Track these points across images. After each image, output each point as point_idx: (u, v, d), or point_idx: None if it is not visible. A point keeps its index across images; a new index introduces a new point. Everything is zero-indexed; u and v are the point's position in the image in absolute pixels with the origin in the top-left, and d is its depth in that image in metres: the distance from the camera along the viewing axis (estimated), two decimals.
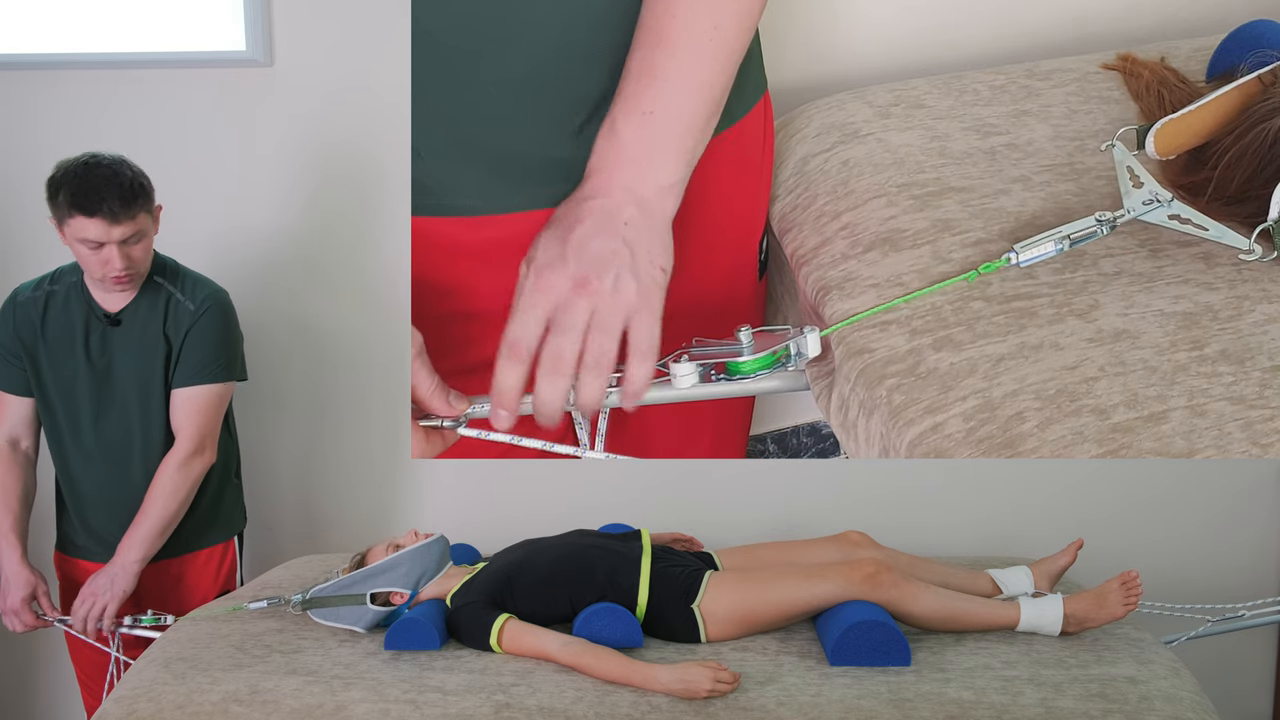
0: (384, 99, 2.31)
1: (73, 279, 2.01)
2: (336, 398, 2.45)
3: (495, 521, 2.33)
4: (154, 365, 1.99)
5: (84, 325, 1.99)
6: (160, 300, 2.00)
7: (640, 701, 1.45)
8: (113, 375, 2.00)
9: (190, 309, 2.00)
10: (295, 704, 1.46)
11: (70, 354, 1.99)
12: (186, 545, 2.07)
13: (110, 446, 2.01)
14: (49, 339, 1.99)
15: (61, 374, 1.99)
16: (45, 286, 2.02)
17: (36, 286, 2.03)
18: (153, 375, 1.99)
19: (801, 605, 1.65)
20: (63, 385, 2.00)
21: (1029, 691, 1.45)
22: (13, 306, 2.02)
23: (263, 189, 2.37)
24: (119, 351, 1.99)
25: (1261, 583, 2.38)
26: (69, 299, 2.00)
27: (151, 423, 2.01)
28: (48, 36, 2.34)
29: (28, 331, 2.00)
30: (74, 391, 2.00)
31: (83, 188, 1.83)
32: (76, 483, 2.05)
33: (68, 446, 2.03)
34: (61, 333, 1.99)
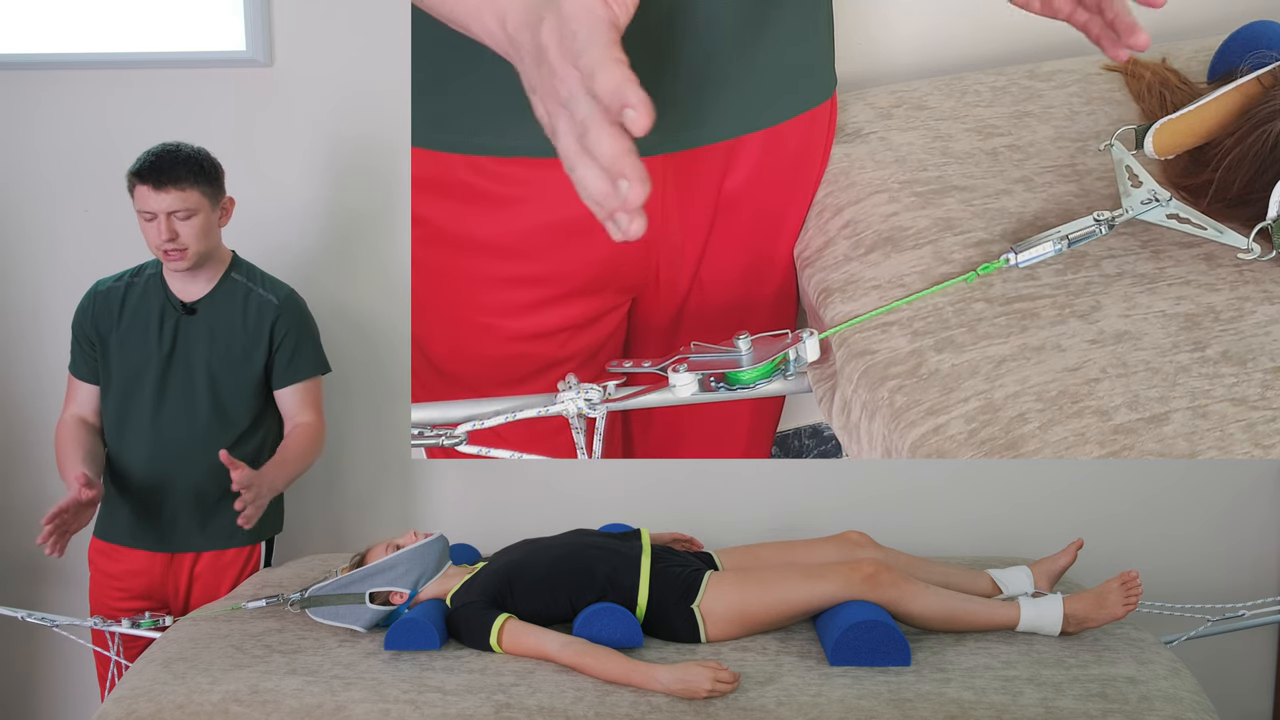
0: (384, 99, 2.31)
1: (153, 270, 2.08)
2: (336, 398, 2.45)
3: (495, 521, 2.33)
4: (229, 356, 2.05)
5: (159, 314, 2.05)
6: (238, 293, 2.06)
7: (640, 701, 1.45)
8: (183, 364, 2.04)
9: (274, 302, 2.07)
10: (295, 704, 1.46)
11: (143, 341, 2.04)
12: (214, 540, 2.08)
13: (167, 435, 2.05)
14: (124, 327, 2.05)
15: (131, 360, 2.05)
16: (127, 279, 2.09)
17: (119, 279, 2.09)
18: (226, 365, 2.05)
19: (801, 605, 1.65)
20: (130, 371, 2.05)
21: (1029, 691, 1.46)
22: (92, 297, 2.09)
23: (263, 189, 2.37)
24: (192, 341, 2.04)
25: (1261, 583, 2.38)
26: (148, 289, 2.07)
27: (216, 413, 2.05)
28: (48, 36, 2.34)
29: (105, 320, 2.06)
30: (141, 378, 2.04)
31: (146, 158, 1.95)
32: (129, 469, 2.07)
33: (126, 433, 2.06)
34: (136, 321, 2.05)
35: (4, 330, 2.48)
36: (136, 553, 2.07)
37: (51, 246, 2.44)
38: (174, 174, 1.93)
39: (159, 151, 1.96)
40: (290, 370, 2.09)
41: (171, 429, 2.05)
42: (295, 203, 2.40)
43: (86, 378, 2.10)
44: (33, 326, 2.46)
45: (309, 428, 2.09)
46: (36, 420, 2.44)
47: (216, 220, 2.02)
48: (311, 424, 2.10)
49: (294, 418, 2.11)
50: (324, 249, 2.41)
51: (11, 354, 2.49)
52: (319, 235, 2.41)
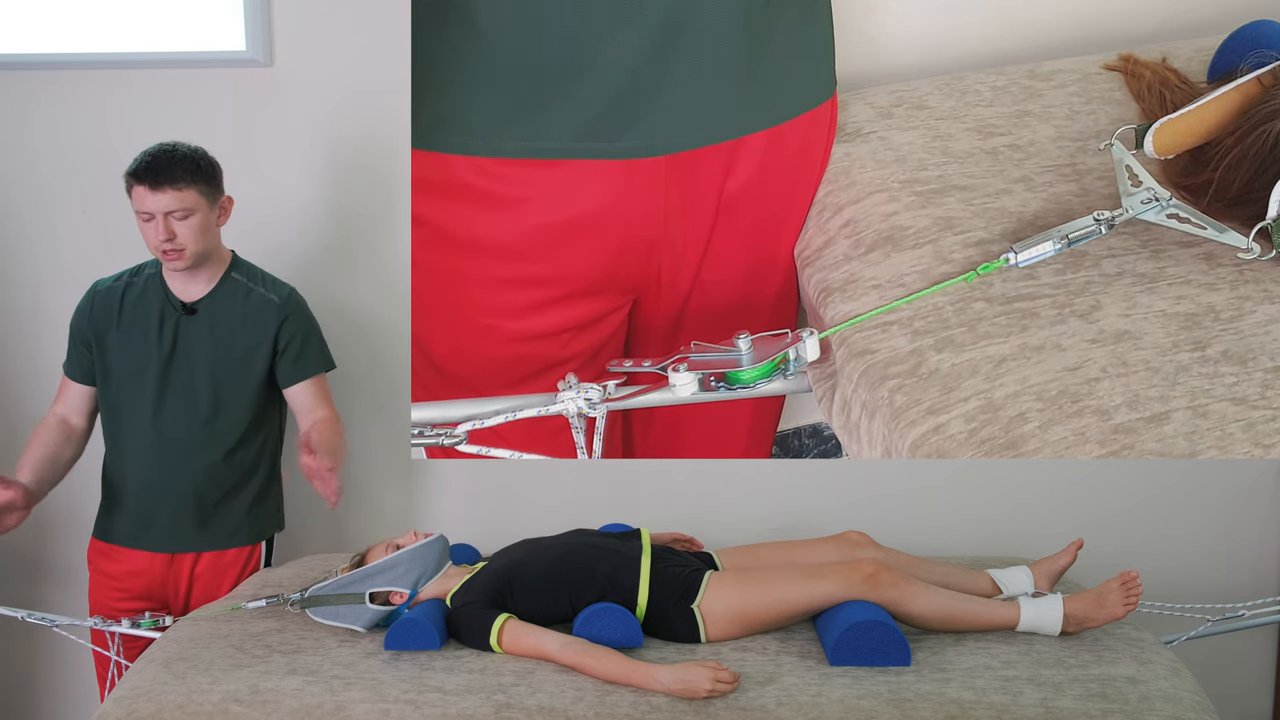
0: (384, 98, 2.31)
1: (152, 270, 2.07)
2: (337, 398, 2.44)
3: (495, 521, 2.33)
4: (230, 355, 2.04)
5: (159, 314, 2.04)
6: (238, 293, 2.06)
7: (640, 701, 1.45)
8: (184, 364, 2.04)
9: (276, 301, 2.06)
10: (295, 704, 1.46)
11: (143, 341, 2.03)
12: (214, 541, 2.08)
13: (167, 436, 2.04)
14: (123, 327, 2.04)
15: (130, 360, 2.04)
16: (126, 278, 2.08)
17: (117, 278, 2.08)
18: (227, 365, 2.04)
19: (801, 605, 1.65)
20: (130, 371, 2.04)
21: (1029, 691, 1.45)
22: (91, 297, 2.08)
23: (263, 189, 2.37)
24: (193, 341, 2.04)
25: (1261, 583, 2.38)
26: (147, 289, 2.06)
27: (217, 413, 2.05)
28: (48, 36, 2.34)
29: (104, 320, 2.05)
30: (141, 378, 2.04)
31: (143, 158, 1.94)
32: (129, 470, 2.07)
33: (125, 434, 2.06)
34: (136, 320, 2.04)
35: (4, 330, 2.48)
36: (137, 553, 2.07)
37: (51, 246, 2.44)
38: (170, 174, 1.92)
39: (155, 152, 1.94)
40: (298, 368, 2.08)
41: (172, 429, 2.04)
42: (295, 202, 2.40)
43: (78, 378, 2.09)
44: (32, 326, 2.46)
45: (331, 420, 2.07)
46: (36, 419, 2.43)
47: (215, 219, 2.02)
48: (330, 418, 2.08)
49: (311, 413, 2.08)
50: (324, 249, 2.41)
51: (11, 354, 2.48)
52: (319, 235, 2.41)
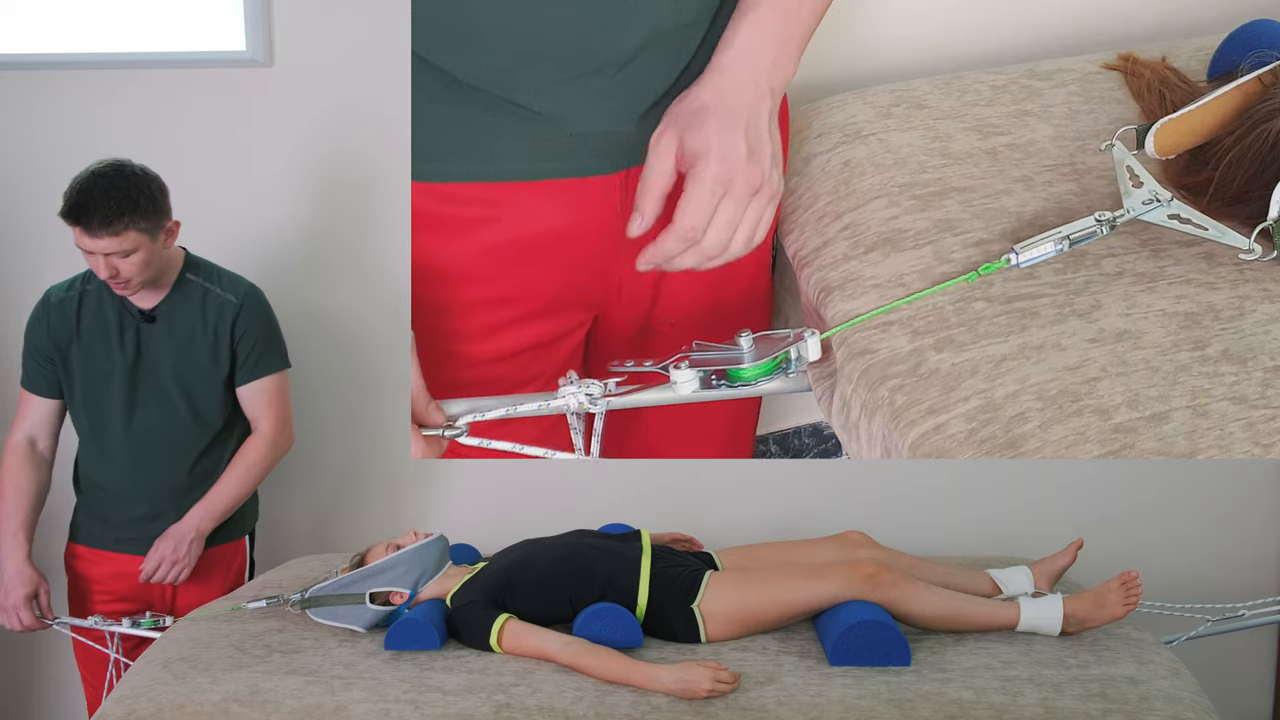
0: (384, 99, 2.31)
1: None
2: (336, 399, 2.45)
3: (495, 521, 2.32)
4: (194, 359, 2.02)
5: (118, 323, 2.01)
6: (195, 295, 2.03)
7: (640, 701, 1.45)
8: (149, 371, 2.02)
9: (233, 301, 2.03)
10: (295, 704, 1.46)
11: (105, 351, 2.01)
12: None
13: (143, 442, 2.03)
14: (84, 337, 2.02)
15: (95, 371, 2.01)
16: (79, 286, 2.04)
17: (69, 286, 2.05)
18: (192, 369, 2.02)
19: (801, 605, 1.65)
20: (96, 382, 2.02)
21: (1029, 691, 1.45)
22: (46, 309, 2.04)
23: (263, 189, 2.37)
24: (156, 348, 2.01)
25: (1261, 583, 2.38)
26: (101, 297, 2.02)
27: (190, 416, 2.03)
28: (48, 36, 2.34)
29: (63, 332, 2.02)
30: (108, 388, 2.01)
31: (75, 196, 1.85)
32: (102, 479, 2.06)
33: (96, 444, 2.04)
34: (96, 330, 2.01)
35: (7, 329, 2.48)
36: (118, 556, 2.05)
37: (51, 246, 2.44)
38: (106, 218, 1.83)
39: (86, 189, 1.83)
40: (249, 367, 2.06)
41: (147, 435, 2.02)
42: (294, 202, 2.40)
43: (43, 392, 2.05)
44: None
45: (258, 444, 2.07)
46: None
47: (161, 246, 1.94)
48: (265, 435, 2.07)
49: (254, 422, 2.08)
50: (323, 248, 2.41)
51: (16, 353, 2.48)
52: (318, 234, 2.41)
